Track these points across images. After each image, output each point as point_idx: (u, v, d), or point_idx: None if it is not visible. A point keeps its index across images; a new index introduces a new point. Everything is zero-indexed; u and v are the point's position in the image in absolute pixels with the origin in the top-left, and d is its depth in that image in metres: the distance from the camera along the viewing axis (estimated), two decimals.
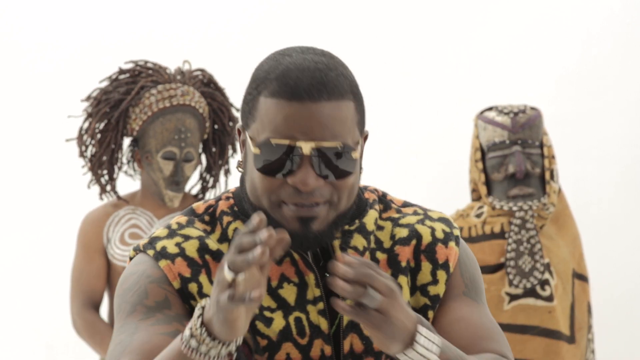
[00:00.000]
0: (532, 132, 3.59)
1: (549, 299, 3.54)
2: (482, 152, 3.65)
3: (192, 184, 3.87)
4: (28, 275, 5.02)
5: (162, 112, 3.63)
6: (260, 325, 1.78)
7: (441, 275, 1.86)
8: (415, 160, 4.97)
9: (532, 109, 3.63)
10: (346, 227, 1.85)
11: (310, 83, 1.73)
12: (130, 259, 1.90)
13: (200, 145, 3.78)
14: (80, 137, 3.69)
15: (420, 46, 5.04)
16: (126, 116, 3.68)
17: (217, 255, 1.82)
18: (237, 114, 3.86)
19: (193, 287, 1.80)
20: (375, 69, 5.02)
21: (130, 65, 3.76)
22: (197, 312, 1.60)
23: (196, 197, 3.80)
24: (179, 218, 1.88)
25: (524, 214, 3.56)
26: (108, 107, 3.67)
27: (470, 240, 3.62)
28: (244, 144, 1.82)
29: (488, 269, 3.58)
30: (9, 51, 5.04)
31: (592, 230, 4.72)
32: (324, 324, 1.79)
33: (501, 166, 3.59)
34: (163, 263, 1.81)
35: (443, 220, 1.92)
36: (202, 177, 3.81)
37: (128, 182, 4.25)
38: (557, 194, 3.63)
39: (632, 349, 4.95)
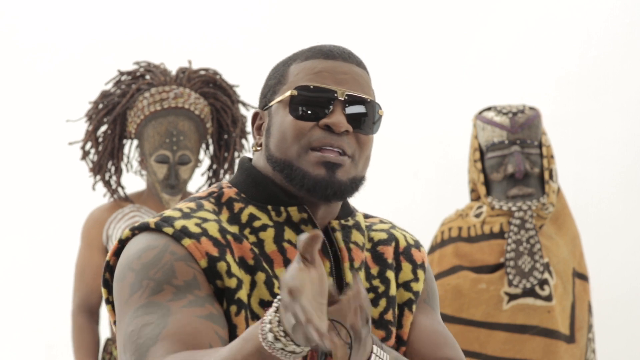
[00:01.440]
0: (531, 132, 3.59)
1: (548, 298, 3.54)
2: (481, 152, 3.65)
3: (199, 185, 3.87)
4: (29, 275, 5.02)
5: (154, 115, 3.63)
6: None
7: (420, 274, 1.99)
8: (415, 160, 4.97)
9: (531, 108, 3.63)
10: (343, 221, 1.93)
11: (342, 50, 1.93)
12: (122, 240, 1.84)
13: (204, 146, 3.77)
14: (84, 142, 3.70)
15: (420, 46, 5.04)
16: (124, 119, 3.68)
17: (237, 237, 1.83)
18: (242, 113, 3.85)
19: (222, 266, 1.79)
20: (375, 69, 5.01)
21: (132, 67, 3.76)
22: (275, 304, 1.56)
23: None
24: (187, 204, 1.88)
25: (523, 214, 3.56)
26: (106, 110, 3.68)
27: (469, 240, 3.62)
28: (259, 129, 1.93)
29: (487, 269, 3.58)
30: (9, 51, 5.04)
31: (592, 230, 4.71)
32: None
33: (500, 166, 3.59)
34: (187, 242, 1.79)
35: (403, 229, 2.05)
36: (209, 178, 3.80)
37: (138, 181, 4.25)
38: (556, 194, 3.63)
39: (633, 348, 4.95)
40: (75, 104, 4.27)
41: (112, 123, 3.67)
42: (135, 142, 3.72)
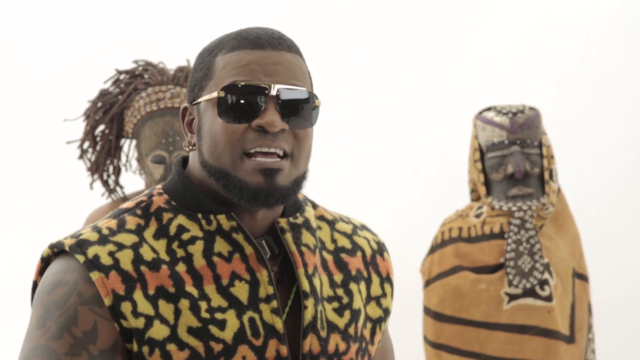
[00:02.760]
0: (531, 132, 3.59)
1: (548, 299, 3.54)
2: (481, 152, 3.65)
3: None
4: (28, 275, 5.02)
5: (150, 115, 3.63)
6: (213, 330, 1.69)
7: (387, 288, 1.91)
8: (415, 160, 4.97)
9: (531, 109, 3.63)
10: (292, 220, 1.82)
11: (271, 36, 1.75)
12: (44, 258, 1.76)
13: None
14: (81, 141, 3.71)
15: (420, 46, 5.04)
16: (122, 118, 3.69)
17: (154, 265, 1.71)
18: None
19: (126, 307, 1.68)
20: (375, 69, 5.02)
21: (131, 66, 3.77)
22: None
23: None
24: (108, 222, 1.76)
25: (523, 214, 3.56)
26: (103, 109, 3.68)
27: (469, 240, 3.62)
28: (190, 125, 1.80)
29: (487, 269, 3.58)
30: (9, 51, 5.04)
31: (592, 230, 4.71)
32: (278, 323, 1.73)
33: (500, 166, 3.59)
34: (96, 275, 1.69)
35: (365, 228, 1.95)
36: None
37: (137, 181, 4.25)
38: (556, 194, 3.63)
39: (633, 348, 4.95)
40: (75, 103, 4.26)
41: (109, 122, 3.68)
42: (134, 141, 3.72)
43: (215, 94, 1.72)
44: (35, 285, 1.79)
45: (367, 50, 5.03)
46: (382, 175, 4.96)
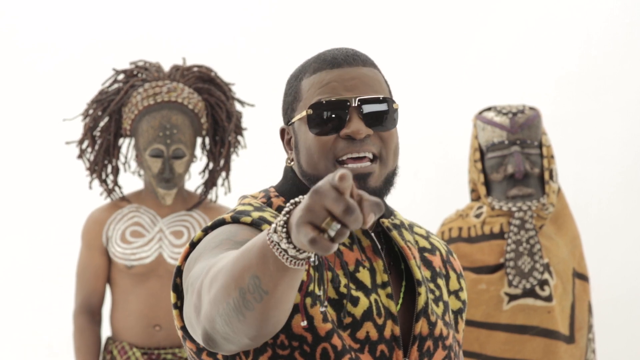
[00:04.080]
0: (531, 132, 3.59)
1: (548, 299, 3.54)
2: (481, 153, 3.65)
3: (197, 184, 3.86)
4: (29, 275, 5.02)
5: (148, 109, 3.64)
6: (347, 305, 1.87)
7: (463, 283, 2.10)
8: (415, 160, 4.97)
9: (531, 109, 3.63)
10: (391, 220, 2.01)
11: (346, 54, 1.99)
12: (194, 242, 1.86)
13: (200, 144, 3.78)
14: (80, 140, 3.71)
15: (420, 46, 5.04)
16: (119, 116, 3.69)
17: None
18: (238, 109, 3.84)
19: None
20: None
21: (128, 66, 3.77)
22: (287, 208, 1.53)
23: (200, 195, 3.79)
24: (251, 200, 1.95)
25: (523, 214, 3.56)
26: (101, 107, 3.69)
27: (469, 240, 3.62)
28: (289, 143, 2.02)
29: (487, 270, 3.58)
30: (9, 51, 5.04)
31: (592, 230, 4.71)
32: (392, 306, 1.92)
33: (500, 166, 3.59)
34: (267, 227, 1.83)
35: (432, 233, 2.14)
36: (209, 174, 3.79)
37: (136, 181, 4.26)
38: (556, 194, 3.63)
39: (633, 349, 4.95)
40: (75, 103, 4.27)
41: (107, 120, 3.68)
42: (133, 141, 3.73)
43: (304, 113, 1.94)
44: (179, 270, 1.89)
45: (367, 51, 5.03)
46: None
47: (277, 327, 1.62)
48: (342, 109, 1.92)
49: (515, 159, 3.55)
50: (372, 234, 1.97)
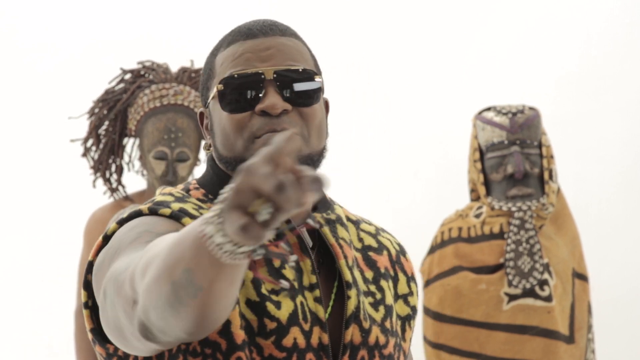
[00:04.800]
0: (531, 132, 3.59)
1: (548, 299, 3.54)
2: (481, 153, 3.65)
3: None
4: (29, 275, 5.02)
5: (154, 111, 3.64)
6: (270, 307, 1.69)
7: (413, 287, 1.91)
8: (415, 160, 4.97)
9: (531, 109, 3.63)
10: (325, 215, 1.82)
11: (262, 24, 1.78)
12: (108, 235, 1.70)
13: (203, 144, 3.79)
14: (85, 139, 3.71)
15: (420, 46, 5.04)
16: (125, 116, 3.69)
17: None
18: None
19: None
20: (375, 69, 5.02)
21: (135, 66, 3.78)
22: (222, 195, 1.27)
23: None
24: (173, 190, 1.78)
25: (522, 214, 3.56)
26: (107, 108, 3.69)
27: (469, 240, 3.62)
28: (207, 128, 1.82)
29: (487, 270, 3.58)
30: (9, 51, 5.04)
31: (592, 230, 4.71)
32: (320, 311, 1.74)
33: (500, 166, 3.59)
34: (188, 221, 1.68)
35: (385, 230, 1.96)
36: None
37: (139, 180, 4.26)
38: (556, 194, 3.63)
39: (633, 349, 4.95)
40: (76, 103, 4.27)
41: (113, 120, 3.69)
42: (137, 141, 3.73)
43: (215, 89, 1.75)
44: (90, 265, 1.73)
45: (367, 51, 5.03)
46: (382, 175, 4.96)
47: (218, 323, 1.42)
48: (257, 82, 1.72)
49: (515, 159, 3.55)
50: (297, 227, 1.77)
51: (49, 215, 5.02)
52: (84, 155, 3.73)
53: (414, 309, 1.90)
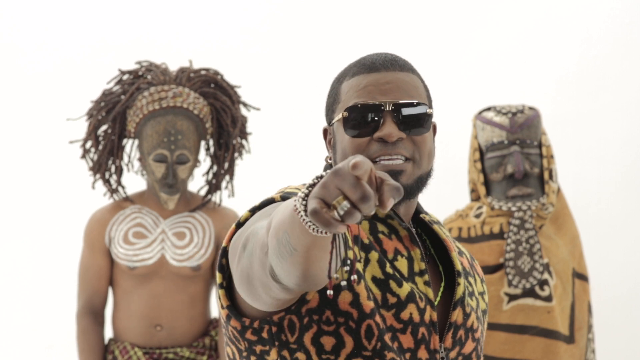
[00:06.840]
0: (531, 132, 3.59)
1: (548, 299, 3.54)
2: (481, 152, 3.65)
3: (200, 186, 3.86)
4: (29, 275, 5.02)
5: (153, 114, 3.63)
6: (392, 284, 1.95)
7: (486, 288, 2.20)
8: None
9: (531, 108, 3.63)
10: (427, 217, 2.11)
11: (384, 59, 2.06)
12: (241, 223, 1.92)
13: (204, 146, 3.78)
14: (84, 140, 3.71)
15: (420, 46, 5.04)
16: (124, 118, 3.69)
17: None
18: (243, 113, 3.84)
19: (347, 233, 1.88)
20: None
21: (133, 67, 3.77)
22: (311, 181, 1.54)
23: (204, 197, 3.79)
24: (299, 186, 2.02)
25: (522, 214, 3.56)
26: (106, 108, 3.68)
27: (469, 240, 3.62)
28: (330, 143, 2.10)
29: (487, 270, 3.58)
30: (8, 51, 5.04)
31: (592, 230, 4.71)
32: (430, 293, 2.00)
33: (500, 166, 3.59)
34: None
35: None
36: (213, 177, 3.79)
37: (139, 181, 4.26)
38: (556, 194, 3.63)
39: (633, 348, 4.95)
40: (75, 103, 4.27)
41: (112, 122, 3.68)
42: (137, 141, 3.72)
43: (340, 116, 2.03)
44: (224, 251, 1.96)
45: (367, 51, 5.02)
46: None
47: (318, 282, 1.66)
48: (377, 112, 2.00)
49: (514, 159, 3.55)
50: (408, 225, 2.05)
51: (48, 216, 5.01)
52: (83, 156, 3.72)
53: (487, 306, 2.18)
